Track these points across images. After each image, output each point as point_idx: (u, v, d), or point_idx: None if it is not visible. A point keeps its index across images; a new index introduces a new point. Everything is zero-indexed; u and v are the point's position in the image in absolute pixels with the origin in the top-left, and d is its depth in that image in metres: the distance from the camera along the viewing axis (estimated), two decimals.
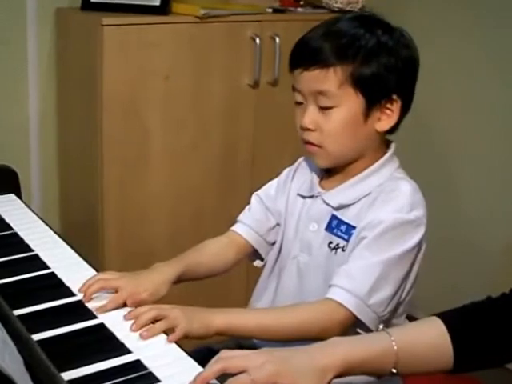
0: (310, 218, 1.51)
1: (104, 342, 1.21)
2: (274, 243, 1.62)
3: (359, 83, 1.39)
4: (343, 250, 1.44)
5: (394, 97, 1.42)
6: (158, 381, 1.10)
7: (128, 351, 1.18)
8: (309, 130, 1.43)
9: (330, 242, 1.46)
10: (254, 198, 1.65)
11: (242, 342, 1.59)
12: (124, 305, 1.33)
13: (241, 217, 1.64)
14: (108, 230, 2.48)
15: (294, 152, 1.58)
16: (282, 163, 1.68)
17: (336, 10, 2.70)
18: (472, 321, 1.17)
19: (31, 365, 0.97)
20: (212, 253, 1.59)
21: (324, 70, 1.39)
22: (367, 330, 1.36)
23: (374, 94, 1.40)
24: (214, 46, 2.49)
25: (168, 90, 2.44)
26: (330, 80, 1.38)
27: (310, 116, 1.42)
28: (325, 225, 1.47)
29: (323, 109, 1.41)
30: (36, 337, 1.19)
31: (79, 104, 2.51)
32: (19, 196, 1.87)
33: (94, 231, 2.50)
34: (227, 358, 1.08)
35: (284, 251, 1.58)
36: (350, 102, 1.40)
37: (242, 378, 1.03)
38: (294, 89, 1.46)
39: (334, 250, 1.45)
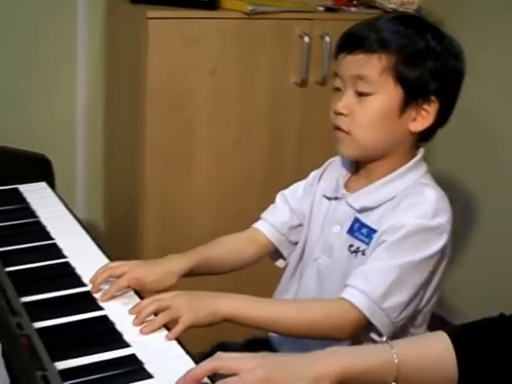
0: (334, 219, 1.48)
1: (104, 335, 1.20)
2: (296, 243, 1.59)
3: (401, 78, 1.36)
4: (363, 254, 1.40)
5: (433, 98, 1.38)
6: (151, 376, 1.08)
7: (126, 345, 1.17)
8: (341, 114, 1.40)
9: (351, 245, 1.42)
10: (278, 197, 1.62)
11: (259, 336, 1.58)
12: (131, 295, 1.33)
13: (264, 214, 1.62)
14: (149, 226, 2.47)
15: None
16: None
17: (390, 10, 2.63)
18: (480, 338, 1.11)
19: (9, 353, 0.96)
20: (230, 248, 1.57)
21: (368, 54, 1.36)
22: (380, 335, 1.32)
23: (413, 92, 1.37)
24: (261, 42, 2.46)
25: (213, 86, 2.42)
26: (372, 65, 1.36)
27: (346, 100, 1.39)
28: (347, 227, 1.44)
29: (360, 95, 1.38)
30: (37, 325, 1.19)
31: (125, 97, 2.52)
32: (52, 184, 1.87)
33: (135, 227, 2.50)
34: (221, 359, 1.06)
35: (307, 253, 1.55)
36: (388, 92, 1.37)
37: (233, 380, 1.01)
38: (335, 74, 1.44)
39: (354, 254, 1.41)
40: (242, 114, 2.51)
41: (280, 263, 1.64)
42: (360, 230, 1.41)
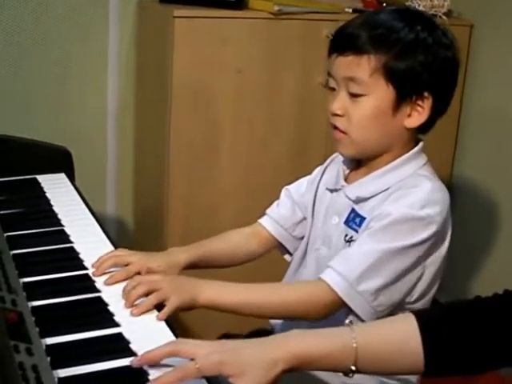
0: (334, 211, 1.49)
1: (96, 315, 1.23)
2: (302, 238, 1.60)
3: (391, 75, 1.36)
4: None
5: (426, 94, 1.38)
6: (135, 354, 1.10)
7: (116, 324, 1.20)
8: (337, 115, 1.41)
9: (346, 235, 1.43)
10: (283, 192, 1.65)
11: (262, 328, 1.61)
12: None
13: (268, 210, 1.64)
14: (174, 223, 2.51)
15: None
16: None
17: None
18: (449, 320, 1.09)
19: None
20: (233, 242, 1.60)
21: (358, 56, 1.36)
22: (361, 320, 1.33)
23: (405, 88, 1.37)
24: (288, 43, 2.48)
25: (240, 85, 2.45)
26: (362, 67, 1.36)
27: (340, 102, 1.40)
28: (344, 218, 1.45)
29: (353, 96, 1.38)
30: (34, 303, 1.24)
31: (153, 95, 2.56)
32: (71, 176, 1.92)
33: (161, 223, 2.54)
34: (178, 343, 1.08)
35: (310, 245, 1.56)
36: (380, 93, 1.37)
37: (188, 365, 1.03)
38: (328, 74, 1.44)
39: (348, 243, 1.42)
40: (269, 114, 2.53)
41: (288, 257, 1.66)
42: (354, 220, 1.43)
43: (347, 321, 1.19)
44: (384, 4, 2.72)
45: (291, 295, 1.33)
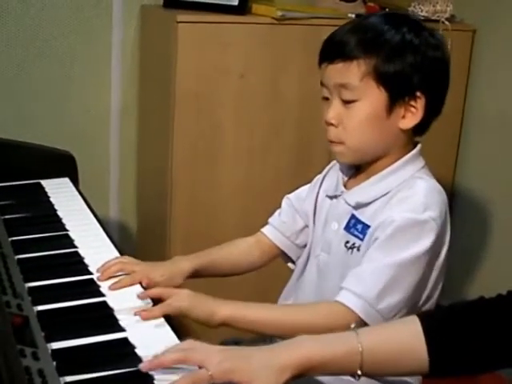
0: (333, 217, 1.50)
1: (101, 319, 1.23)
2: (304, 246, 1.61)
3: (382, 78, 1.37)
4: (358, 250, 1.41)
5: (418, 94, 1.39)
6: (141, 360, 1.11)
7: (121, 329, 1.20)
8: (332, 125, 1.41)
9: (347, 242, 1.44)
10: (284, 201, 1.66)
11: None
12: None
13: (270, 219, 1.66)
14: (177, 227, 2.51)
15: None
16: None
17: (422, 18, 2.64)
18: (452, 321, 1.10)
19: None
20: (236, 251, 1.62)
21: (347, 62, 1.37)
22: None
23: (396, 89, 1.38)
24: (291, 48, 2.49)
25: (242, 90, 2.46)
26: (352, 73, 1.37)
27: (334, 110, 1.41)
28: (344, 224, 1.45)
29: (346, 103, 1.39)
30: (39, 308, 1.24)
31: (156, 99, 2.57)
32: (75, 180, 1.93)
33: (163, 227, 2.55)
34: (188, 350, 1.08)
35: (311, 253, 1.57)
36: (372, 96, 1.37)
37: (200, 372, 1.03)
38: (321, 84, 1.45)
39: (350, 250, 1.43)
40: (271, 118, 2.54)
41: (291, 265, 1.66)
42: (355, 226, 1.43)
43: (352, 325, 1.19)
44: (386, 9, 2.73)
45: (311, 317, 1.32)
